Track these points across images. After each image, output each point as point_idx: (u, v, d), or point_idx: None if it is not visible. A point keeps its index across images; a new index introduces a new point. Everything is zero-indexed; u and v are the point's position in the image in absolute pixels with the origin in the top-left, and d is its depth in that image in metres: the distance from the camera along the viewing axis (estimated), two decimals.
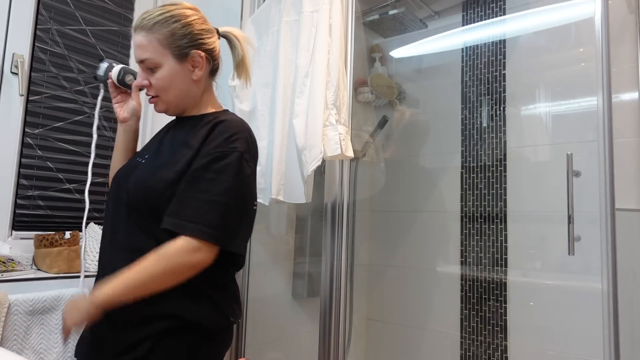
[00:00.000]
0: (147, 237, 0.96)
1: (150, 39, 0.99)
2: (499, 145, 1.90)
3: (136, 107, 1.16)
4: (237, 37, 1.12)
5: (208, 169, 0.94)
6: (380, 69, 2.25)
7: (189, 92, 1.05)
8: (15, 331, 1.22)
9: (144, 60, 1.00)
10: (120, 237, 1.00)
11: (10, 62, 1.53)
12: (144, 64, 1.01)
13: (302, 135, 1.33)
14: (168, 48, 0.99)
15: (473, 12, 2.05)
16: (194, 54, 1.02)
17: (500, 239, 1.86)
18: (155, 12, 1.01)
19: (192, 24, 1.02)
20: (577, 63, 1.75)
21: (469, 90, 2.02)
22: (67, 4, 1.71)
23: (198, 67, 1.03)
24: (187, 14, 1.02)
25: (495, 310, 1.84)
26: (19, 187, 1.56)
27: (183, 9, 1.03)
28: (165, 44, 0.99)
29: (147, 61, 1.00)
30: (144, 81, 1.02)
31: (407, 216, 2.15)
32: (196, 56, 1.02)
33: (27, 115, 1.58)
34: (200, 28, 1.03)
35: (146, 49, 0.99)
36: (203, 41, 1.03)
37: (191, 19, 1.02)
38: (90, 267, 1.49)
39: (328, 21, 1.35)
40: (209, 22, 1.08)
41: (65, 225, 1.67)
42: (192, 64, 1.03)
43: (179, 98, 1.04)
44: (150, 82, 1.02)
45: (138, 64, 1.02)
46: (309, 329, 1.54)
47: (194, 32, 1.02)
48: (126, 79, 1.13)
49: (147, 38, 0.99)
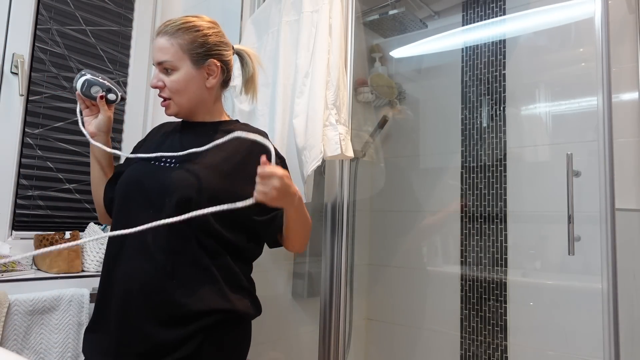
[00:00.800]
0: (187, 239, 0.99)
1: (172, 43, 1.04)
2: (499, 145, 1.90)
3: (103, 122, 1.12)
4: (250, 55, 1.19)
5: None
6: (380, 69, 2.25)
7: (201, 98, 1.10)
8: (15, 331, 1.22)
9: (162, 62, 1.05)
10: (155, 240, 0.98)
11: (10, 62, 1.53)
12: (162, 65, 1.05)
13: (302, 135, 1.33)
14: (187, 53, 1.05)
15: (473, 12, 2.04)
16: (211, 63, 1.08)
17: (500, 239, 1.86)
18: (179, 20, 1.07)
19: (211, 35, 1.09)
20: (577, 63, 1.75)
21: (469, 90, 2.02)
22: (67, 4, 1.71)
23: (213, 75, 1.09)
24: (208, 26, 1.10)
25: (495, 310, 1.84)
26: (19, 187, 1.56)
27: (204, 21, 1.10)
28: (185, 49, 1.05)
29: (165, 63, 1.04)
30: (159, 82, 1.06)
31: (407, 216, 2.15)
32: (212, 65, 1.08)
33: (27, 115, 1.58)
34: (219, 40, 1.10)
35: (166, 52, 1.04)
36: (220, 52, 1.10)
37: (211, 31, 1.09)
38: (90, 267, 1.49)
39: (328, 21, 1.35)
40: (226, 37, 1.15)
41: (65, 225, 1.67)
42: (207, 71, 1.08)
43: (191, 102, 1.09)
44: (164, 83, 1.06)
45: (156, 66, 1.07)
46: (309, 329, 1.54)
47: (212, 42, 1.09)
48: (91, 90, 1.09)
49: (169, 42, 1.05)
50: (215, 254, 1.01)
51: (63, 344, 1.31)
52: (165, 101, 1.07)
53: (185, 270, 0.98)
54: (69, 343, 1.32)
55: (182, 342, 0.95)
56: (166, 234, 0.97)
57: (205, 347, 0.97)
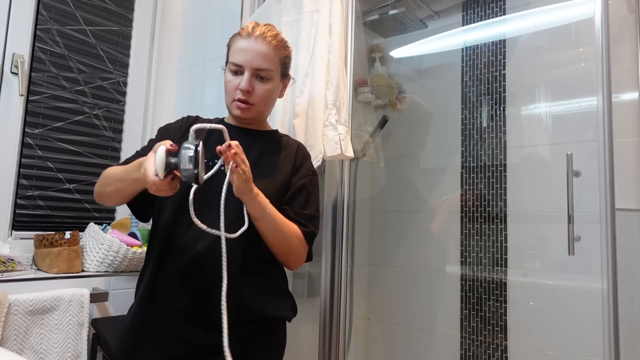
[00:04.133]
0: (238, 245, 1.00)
1: (275, 54, 1.08)
2: (499, 145, 1.90)
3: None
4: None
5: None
6: (380, 69, 2.25)
7: (272, 107, 1.17)
8: (15, 331, 1.22)
9: (262, 69, 1.07)
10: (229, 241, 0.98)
11: (10, 62, 1.53)
12: (259, 72, 1.07)
13: (302, 135, 1.33)
14: (281, 67, 1.12)
15: (473, 12, 2.04)
16: (289, 77, 1.18)
17: (500, 239, 1.86)
18: (273, 30, 1.11)
19: (291, 53, 1.17)
20: (577, 63, 1.75)
21: (469, 90, 2.02)
22: (67, 4, 1.71)
23: (285, 88, 1.19)
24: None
25: (495, 310, 1.84)
26: (19, 187, 1.56)
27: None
28: (281, 63, 1.11)
29: (266, 71, 1.07)
30: (250, 87, 1.06)
31: (407, 216, 2.14)
32: (288, 79, 1.18)
33: (27, 115, 1.58)
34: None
35: (270, 61, 1.07)
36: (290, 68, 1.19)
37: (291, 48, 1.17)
38: (90, 267, 1.49)
39: (328, 21, 1.35)
40: None
41: (65, 225, 1.67)
42: (284, 85, 1.17)
43: (269, 110, 1.16)
44: (254, 89, 1.07)
45: (250, 70, 1.06)
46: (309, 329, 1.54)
47: (292, 59, 1.18)
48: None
49: (273, 52, 1.08)
50: (262, 259, 1.05)
51: (63, 344, 1.31)
52: (247, 105, 1.07)
53: (235, 276, 0.99)
54: (69, 343, 1.32)
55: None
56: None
57: (249, 349, 1.00)
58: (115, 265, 1.48)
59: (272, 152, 1.13)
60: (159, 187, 0.82)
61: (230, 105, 1.09)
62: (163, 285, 1.01)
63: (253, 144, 1.11)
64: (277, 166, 1.10)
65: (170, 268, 1.01)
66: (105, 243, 1.47)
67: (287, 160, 1.12)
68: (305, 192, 1.11)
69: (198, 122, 1.13)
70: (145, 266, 1.07)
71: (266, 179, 1.06)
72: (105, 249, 1.47)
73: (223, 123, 1.15)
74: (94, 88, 1.76)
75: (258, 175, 1.03)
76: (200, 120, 1.16)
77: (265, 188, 1.02)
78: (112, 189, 1.01)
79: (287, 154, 1.14)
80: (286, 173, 1.10)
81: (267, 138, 1.16)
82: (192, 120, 1.16)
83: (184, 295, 0.98)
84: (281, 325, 1.10)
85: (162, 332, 0.99)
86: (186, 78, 2.00)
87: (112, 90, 1.83)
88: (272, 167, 1.09)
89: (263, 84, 1.07)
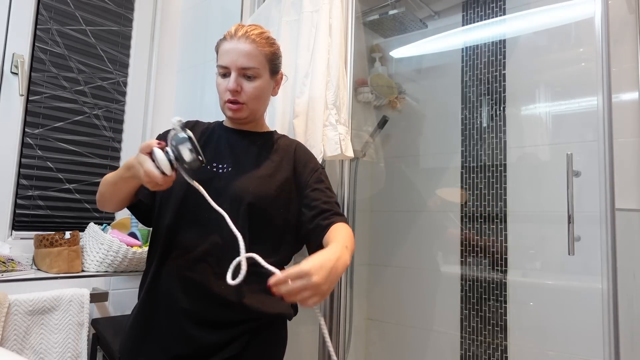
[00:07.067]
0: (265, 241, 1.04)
1: (259, 51, 1.07)
2: (499, 145, 1.90)
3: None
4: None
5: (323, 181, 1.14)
6: (380, 69, 2.25)
7: (265, 105, 1.16)
8: (15, 331, 1.22)
9: (248, 68, 1.06)
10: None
11: (10, 62, 1.53)
12: (245, 71, 1.06)
13: (302, 135, 1.33)
14: (269, 64, 1.10)
15: (473, 12, 2.04)
16: (281, 74, 1.17)
17: (500, 239, 1.86)
18: (257, 29, 1.10)
19: (279, 48, 1.16)
20: (577, 63, 1.75)
21: (469, 90, 2.02)
22: (67, 4, 1.71)
23: (278, 85, 1.17)
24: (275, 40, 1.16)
25: (495, 310, 1.84)
26: (19, 187, 1.56)
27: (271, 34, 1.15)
28: (268, 59, 1.10)
29: (252, 69, 1.07)
30: (238, 87, 1.07)
31: (407, 216, 2.15)
32: (280, 76, 1.17)
33: (27, 115, 1.59)
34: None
35: (254, 59, 1.07)
36: (281, 65, 1.18)
37: (278, 45, 1.16)
38: (90, 267, 1.49)
39: (328, 21, 1.35)
40: None
41: (65, 225, 1.67)
42: (276, 82, 1.16)
43: (261, 109, 1.15)
44: (242, 88, 1.07)
45: (235, 69, 1.06)
46: (309, 329, 1.54)
47: (281, 56, 1.16)
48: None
49: (257, 50, 1.07)
50: (266, 257, 1.04)
51: (63, 344, 1.31)
52: (237, 104, 1.08)
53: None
54: (69, 343, 1.32)
55: (228, 343, 0.99)
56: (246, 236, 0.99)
57: (252, 346, 1.01)
58: (115, 265, 1.49)
59: (269, 153, 1.13)
60: (168, 184, 0.89)
61: (223, 107, 1.10)
62: (164, 285, 1.02)
63: (250, 145, 1.13)
64: (275, 167, 1.10)
65: (172, 268, 1.02)
66: (105, 243, 1.47)
67: (285, 161, 1.13)
68: (323, 185, 1.13)
69: (198, 127, 1.17)
70: (147, 266, 1.09)
71: (264, 180, 1.07)
72: (105, 249, 1.47)
73: (221, 126, 1.17)
74: (94, 88, 1.76)
75: (256, 176, 1.06)
76: (199, 125, 1.18)
77: (263, 189, 1.04)
78: (108, 194, 1.04)
79: (285, 154, 1.14)
80: (285, 174, 1.11)
81: (265, 139, 1.16)
82: (191, 125, 1.17)
83: (185, 294, 1.00)
84: (282, 323, 1.11)
85: (164, 331, 1.01)
86: (186, 78, 2.00)
87: (112, 90, 1.83)
88: (270, 168, 1.10)
89: (250, 82, 1.07)
